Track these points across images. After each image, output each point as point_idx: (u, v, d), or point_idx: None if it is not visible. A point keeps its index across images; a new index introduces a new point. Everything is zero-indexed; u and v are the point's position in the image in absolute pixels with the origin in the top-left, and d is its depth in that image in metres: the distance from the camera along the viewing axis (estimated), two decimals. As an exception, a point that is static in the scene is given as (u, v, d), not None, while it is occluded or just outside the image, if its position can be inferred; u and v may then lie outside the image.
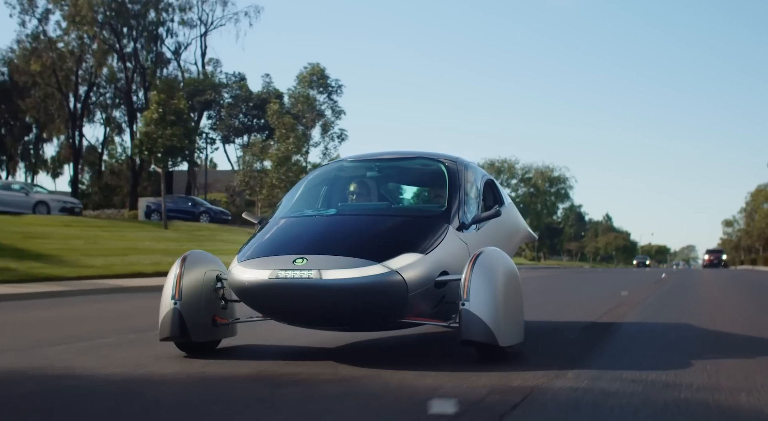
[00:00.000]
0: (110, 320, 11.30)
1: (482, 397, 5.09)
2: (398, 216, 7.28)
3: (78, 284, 18.47)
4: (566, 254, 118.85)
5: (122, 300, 15.46)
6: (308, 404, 4.98)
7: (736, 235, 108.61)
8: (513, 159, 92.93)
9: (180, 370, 6.30)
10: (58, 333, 9.12)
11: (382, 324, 6.95)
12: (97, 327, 10.04)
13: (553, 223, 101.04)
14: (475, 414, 4.65)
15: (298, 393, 5.32)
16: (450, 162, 7.75)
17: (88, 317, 11.89)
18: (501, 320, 6.16)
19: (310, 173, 8.38)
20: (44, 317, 11.85)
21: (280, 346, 7.74)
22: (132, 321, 10.65)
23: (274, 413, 4.67)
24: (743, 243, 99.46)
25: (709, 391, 5.36)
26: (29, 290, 16.48)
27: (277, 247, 6.67)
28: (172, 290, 6.79)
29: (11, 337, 8.85)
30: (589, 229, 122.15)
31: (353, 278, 6.05)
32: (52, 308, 13.46)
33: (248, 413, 4.74)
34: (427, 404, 4.68)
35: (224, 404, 4.97)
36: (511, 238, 8.85)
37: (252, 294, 6.44)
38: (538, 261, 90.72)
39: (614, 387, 5.46)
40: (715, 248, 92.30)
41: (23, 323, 10.73)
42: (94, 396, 5.29)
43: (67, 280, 19.71)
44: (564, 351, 7.55)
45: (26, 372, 6.24)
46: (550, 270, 52.35)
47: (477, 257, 6.31)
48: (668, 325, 9.93)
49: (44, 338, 8.44)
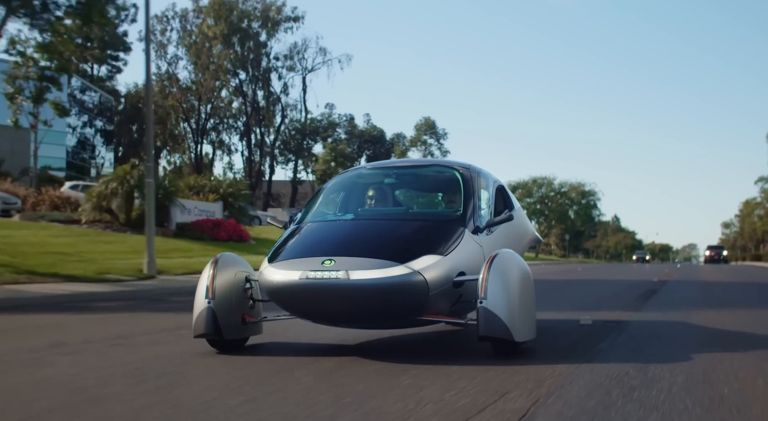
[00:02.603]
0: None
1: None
2: (417, 220, 7.04)
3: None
4: (583, 252, 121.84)
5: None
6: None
7: (733, 236, 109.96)
8: (551, 176, 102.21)
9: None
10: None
11: (403, 322, 6.73)
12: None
13: (575, 226, 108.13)
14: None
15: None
16: (464, 169, 7.52)
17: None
18: (516, 318, 5.95)
19: (330, 180, 8.14)
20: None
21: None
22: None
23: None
24: (738, 243, 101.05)
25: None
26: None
27: (306, 249, 6.46)
28: (206, 291, 6.59)
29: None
30: (599, 229, 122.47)
31: (379, 278, 5.87)
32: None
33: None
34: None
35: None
36: (521, 240, 8.64)
37: (283, 294, 6.22)
38: (566, 257, 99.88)
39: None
40: (716, 244, 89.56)
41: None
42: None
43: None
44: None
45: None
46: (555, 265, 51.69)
47: (493, 259, 6.10)
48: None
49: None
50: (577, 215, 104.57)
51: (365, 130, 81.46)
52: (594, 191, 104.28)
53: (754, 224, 77.68)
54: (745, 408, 4.43)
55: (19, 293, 13.41)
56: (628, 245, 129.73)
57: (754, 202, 77.34)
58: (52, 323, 9.89)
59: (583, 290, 17.86)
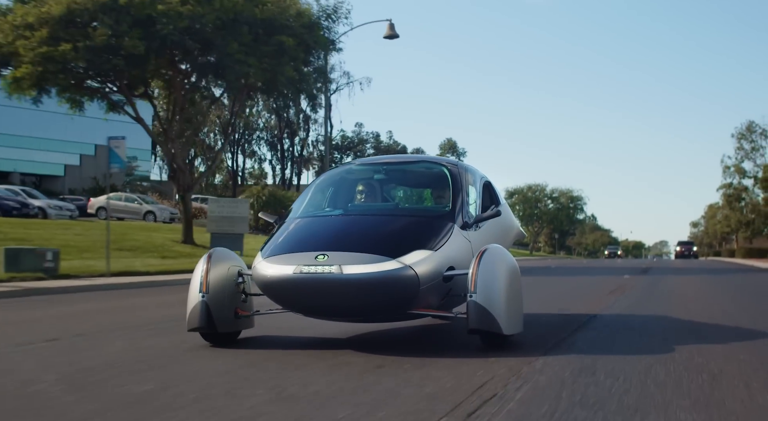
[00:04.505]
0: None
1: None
2: (408, 216, 6.74)
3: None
4: (566, 249, 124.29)
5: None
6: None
7: (700, 234, 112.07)
8: (544, 183, 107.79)
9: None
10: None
11: (394, 315, 6.40)
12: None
13: (562, 226, 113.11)
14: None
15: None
16: (452, 166, 7.17)
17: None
18: (505, 311, 5.70)
19: (320, 176, 7.76)
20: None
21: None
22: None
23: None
24: (705, 241, 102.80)
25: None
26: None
27: (299, 244, 6.10)
28: (199, 285, 6.22)
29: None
30: (577, 228, 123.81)
31: (371, 272, 5.60)
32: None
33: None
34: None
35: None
36: (507, 235, 8.38)
37: (277, 288, 5.89)
38: (554, 254, 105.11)
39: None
40: (686, 239, 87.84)
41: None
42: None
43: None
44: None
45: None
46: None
47: (483, 254, 5.83)
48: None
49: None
50: (566, 217, 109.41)
51: (390, 146, 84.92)
52: (581, 196, 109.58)
53: (717, 224, 78.57)
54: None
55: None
56: (605, 242, 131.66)
57: (716, 207, 78.43)
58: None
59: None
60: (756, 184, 56.48)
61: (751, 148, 57.13)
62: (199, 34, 23.71)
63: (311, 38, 25.92)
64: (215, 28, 23.88)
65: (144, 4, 22.83)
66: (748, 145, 57.32)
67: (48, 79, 23.39)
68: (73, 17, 22.79)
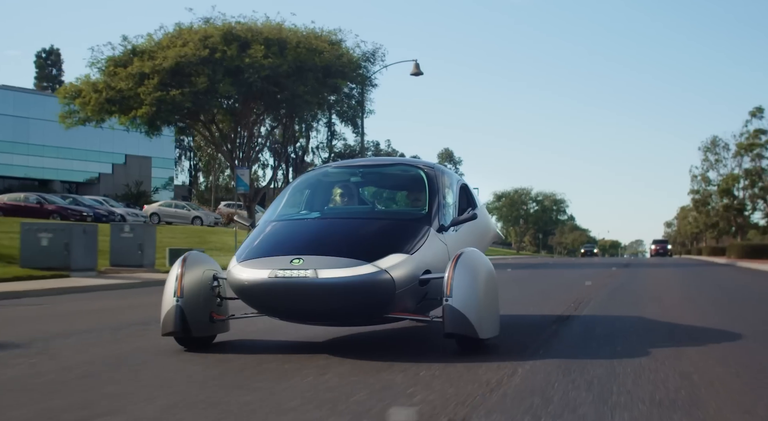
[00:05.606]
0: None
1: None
2: (383, 219, 6.37)
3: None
4: (547, 248, 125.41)
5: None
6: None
7: (673, 233, 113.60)
8: (529, 187, 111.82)
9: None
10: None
11: (370, 319, 6.04)
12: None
13: (546, 227, 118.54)
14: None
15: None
16: (428, 168, 6.70)
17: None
18: (481, 315, 5.37)
19: (296, 179, 7.31)
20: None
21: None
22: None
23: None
24: (678, 240, 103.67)
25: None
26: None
27: (274, 248, 5.69)
28: (174, 289, 5.78)
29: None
30: (556, 228, 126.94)
31: (347, 276, 5.26)
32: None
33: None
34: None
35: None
36: (484, 238, 7.96)
37: (252, 292, 5.48)
38: (538, 253, 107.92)
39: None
40: (661, 238, 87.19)
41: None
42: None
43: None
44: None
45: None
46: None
47: (459, 258, 5.47)
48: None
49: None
50: (549, 218, 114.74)
51: (390, 154, 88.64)
52: (564, 199, 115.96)
53: (688, 225, 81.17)
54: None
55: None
56: (583, 241, 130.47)
57: (687, 209, 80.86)
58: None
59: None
60: (718, 193, 61.22)
61: (715, 160, 61.61)
62: (274, 78, 29.05)
63: (356, 79, 32.38)
64: (287, 75, 29.23)
65: (233, 58, 28.26)
66: (712, 157, 61.89)
67: (161, 118, 29.12)
68: (180, 68, 28.17)
